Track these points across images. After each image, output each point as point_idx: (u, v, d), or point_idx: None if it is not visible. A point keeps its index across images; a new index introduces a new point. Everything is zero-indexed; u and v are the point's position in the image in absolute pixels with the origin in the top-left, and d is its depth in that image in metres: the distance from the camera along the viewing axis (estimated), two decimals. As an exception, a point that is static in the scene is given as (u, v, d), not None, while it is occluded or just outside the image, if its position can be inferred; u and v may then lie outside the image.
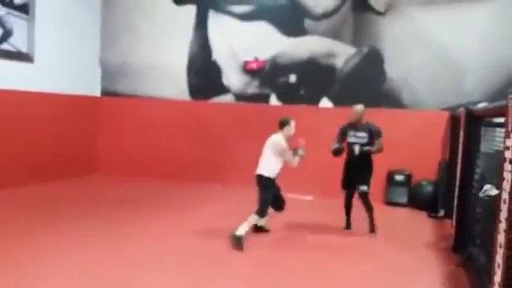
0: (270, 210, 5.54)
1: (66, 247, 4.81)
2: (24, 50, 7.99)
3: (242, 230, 5.12)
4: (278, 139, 5.40)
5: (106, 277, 4.08)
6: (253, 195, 6.75)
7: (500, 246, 2.88)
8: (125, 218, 6.14)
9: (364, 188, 5.92)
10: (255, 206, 5.31)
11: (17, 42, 7.83)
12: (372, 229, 5.98)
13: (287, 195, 7.98)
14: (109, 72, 9.75)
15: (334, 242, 5.59)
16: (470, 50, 7.66)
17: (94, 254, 4.65)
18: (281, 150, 5.33)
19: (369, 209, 5.98)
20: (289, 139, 5.50)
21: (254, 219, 5.28)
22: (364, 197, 5.96)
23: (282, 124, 5.51)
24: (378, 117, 8.05)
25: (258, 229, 5.68)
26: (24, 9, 7.93)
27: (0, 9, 7.52)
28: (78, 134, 9.24)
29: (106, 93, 9.78)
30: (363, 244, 5.55)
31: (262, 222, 5.67)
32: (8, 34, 7.68)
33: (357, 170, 5.97)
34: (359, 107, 6.05)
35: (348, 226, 6.15)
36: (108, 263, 4.42)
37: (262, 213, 5.32)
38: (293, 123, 5.55)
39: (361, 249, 5.36)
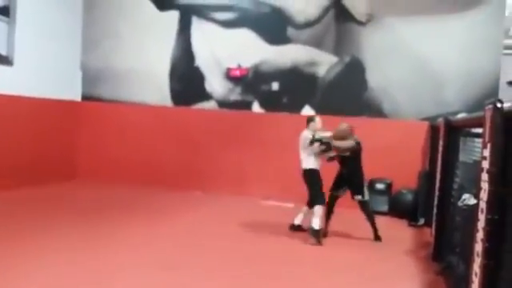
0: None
1: (42, 253, 4.70)
2: (3, 52, 7.85)
3: (316, 224, 5.60)
4: (303, 134, 5.96)
5: (81, 284, 4.00)
6: (233, 203, 6.74)
7: (477, 255, 2.91)
8: (102, 223, 6.04)
9: (358, 197, 6.03)
10: (235, 213, 5.28)
11: (-4, 44, 7.71)
12: (376, 237, 6.05)
13: (269, 203, 7.99)
14: (90, 76, 9.63)
15: (310, 251, 5.56)
16: (450, 61, 7.80)
17: (70, 260, 4.55)
18: (303, 142, 5.90)
19: (369, 217, 6.08)
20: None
21: (319, 210, 5.69)
22: (361, 205, 6.08)
23: (308, 121, 6.08)
24: (359, 126, 8.14)
25: (296, 228, 6.10)
26: (4, 11, 7.81)
27: (-21, 11, 7.40)
28: (58, 138, 9.09)
29: (86, 97, 9.65)
30: (342, 253, 5.54)
31: (298, 221, 6.13)
32: (-13, 36, 7.56)
33: (344, 178, 6.11)
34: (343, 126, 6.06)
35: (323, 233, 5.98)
36: (83, 270, 4.32)
37: (321, 201, 5.78)
38: (318, 119, 6.09)
39: (339, 258, 5.34)
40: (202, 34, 9.02)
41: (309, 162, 5.93)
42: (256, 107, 8.80)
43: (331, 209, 6.19)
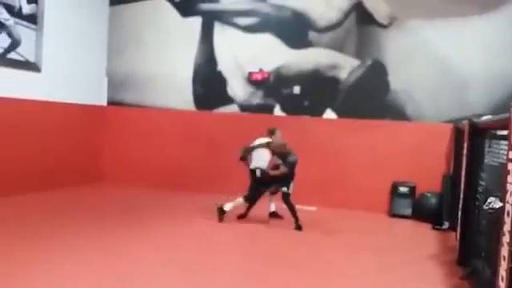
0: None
1: (65, 254, 4.80)
2: (32, 59, 8.07)
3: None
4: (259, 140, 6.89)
5: (103, 284, 4.08)
6: (256, 205, 6.81)
7: (503, 259, 2.88)
8: (127, 227, 6.15)
9: (284, 189, 6.60)
10: (257, 215, 5.31)
11: (24, 51, 7.92)
12: (297, 226, 6.51)
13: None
14: (115, 82, 9.84)
15: (331, 255, 5.56)
16: (473, 62, 7.70)
17: (93, 260, 4.65)
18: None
19: (290, 208, 6.60)
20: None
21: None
22: (284, 196, 6.62)
23: (269, 133, 6.92)
24: (382, 129, 8.13)
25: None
26: (32, 19, 8.03)
27: (8, 19, 7.62)
28: (84, 143, 9.29)
29: (112, 102, 9.86)
30: (364, 257, 5.52)
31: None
32: (16, 43, 7.78)
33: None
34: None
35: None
36: (105, 270, 4.40)
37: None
38: (278, 132, 6.89)
39: (362, 262, 5.32)
40: (225, 39, 9.12)
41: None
42: (278, 111, 8.84)
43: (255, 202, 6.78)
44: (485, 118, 5.79)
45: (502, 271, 2.89)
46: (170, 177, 9.25)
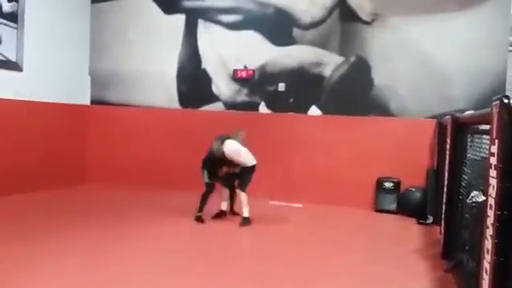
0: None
1: (52, 256, 4.75)
2: (13, 58, 7.94)
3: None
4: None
5: (91, 285, 4.04)
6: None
7: (487, 252, 2.93)
8: (111, 226, 6.11)
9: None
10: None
11: (5, 50, 7.79)
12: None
13: (276, 203, 8.05)
14: (98, 81, 9.73)
15: (316, 253, 5.59)
16: (455, 58, 7.79)
17: (79, 262, 4.60)
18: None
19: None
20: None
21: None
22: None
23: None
24: (367, 125, 8.19)
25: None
26: (12, 17, 7.90)
27: (-12, 17, 7.49)
28: (68, 142, 9.18)
29: (95, 101, 9.75)
30: (349, 253, 5.56)
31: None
32: (-4, 42, 7.65)
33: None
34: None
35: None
36: (93, 272, 4.36)
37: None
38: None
39: (347, 258, 5.36)
40: (208, 36, 9.09)
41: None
42: (263, 108, 8.85)
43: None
44: (467, 113, 5.87)
45: (486, 264, 2.93)
46: (156, 176, 9.19)
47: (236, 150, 6.53)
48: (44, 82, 8.57)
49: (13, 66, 7.95)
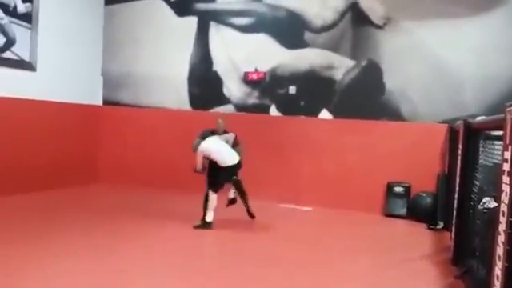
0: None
1: (60, 255, 4.78)
2: (26, 58, 8.04)
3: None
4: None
5: (98, 285, 4.07)
6: (252, 205, 6.81)
7: (499, 259, 2.91)
8: (123, 228, 6.14)
9: (234, 177, 6.58)
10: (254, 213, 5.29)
11: (19, 50, 7.89)
12: (249, 214, 6.67)
13: (286, 206, 8.06)
14: (111, 81, 9.82)
15: (326, 256, 5.58)
16: (468, 63, 7.73)
17: (88, 264, 4.62)
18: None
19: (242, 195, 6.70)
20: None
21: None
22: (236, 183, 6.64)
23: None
24: (377, 129, 8.16)
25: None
26: (27, 18, 8.00)
27: (3, 17, 7.59)
28: (80, 142, 9.26)
29: (107, 102, 9.84)
30: (361, 258, 5.54)
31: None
32: (11, 42, 7.75)
33: None
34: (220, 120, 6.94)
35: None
36: (101, 274, 4.37)
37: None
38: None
39: (359, 262, 5.35)
40: (220, 39, 9.12)
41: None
42: (273, 111, 8.85)
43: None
44: (479, 118, 5.83)
45: (498, 270, 2.91)
46: (166, 177, 9.23)
47: (207, 149, 6.40)
48: (57, 82, 8.67)
49: (27, 65, 8.05)
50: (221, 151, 6.42)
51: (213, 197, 6.34)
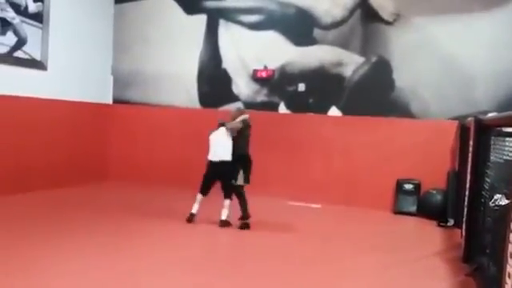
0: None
1: (67, 255, 4.79)
2: (37, 57, 8.12)
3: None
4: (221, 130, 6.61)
5: (108, 283, 4.09)
6: (259, 203, 6.81)
7: (510, 256, 2.89)
8: (132, 225, 6.17)
9: (232, 182, 6.34)
10: (262, 213, 5.30)
11: (30, 49, 7.96)
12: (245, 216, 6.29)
13: (295, 203, 8.05)
14: (121, 80, 9.88)
15: (336, 254, 5.58)
16: (479, 59, 7.67)
17: (91, 261, 4.64)
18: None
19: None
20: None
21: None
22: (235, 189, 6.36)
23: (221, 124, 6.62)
24: (387, 126, 8.12)
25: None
26: (38, 17, 8.07)
27: (15, 17, 7.66)
28: (90, 141, 9.34)
29: (117, 100, 9.90)
30: (372, 255, 5.53)
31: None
32: (22, 41, 7.82)
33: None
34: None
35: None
36: (110, 272, 4.39)
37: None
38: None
39: (370, 260, 5.34)
40: (229, 36, 9.14)
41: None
42: (282, 108, 8.85)
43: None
44: (490, 115, 5.79)
45: (509, 268, 2.89)
46: (176, 175, 9.27)
47: (210, 140, 6.52)
48: (68, 81, 8.74)
49: (38, 64, 8.12)
50: (212, 145, 6.54)
51: (198, 196, 6.45)
